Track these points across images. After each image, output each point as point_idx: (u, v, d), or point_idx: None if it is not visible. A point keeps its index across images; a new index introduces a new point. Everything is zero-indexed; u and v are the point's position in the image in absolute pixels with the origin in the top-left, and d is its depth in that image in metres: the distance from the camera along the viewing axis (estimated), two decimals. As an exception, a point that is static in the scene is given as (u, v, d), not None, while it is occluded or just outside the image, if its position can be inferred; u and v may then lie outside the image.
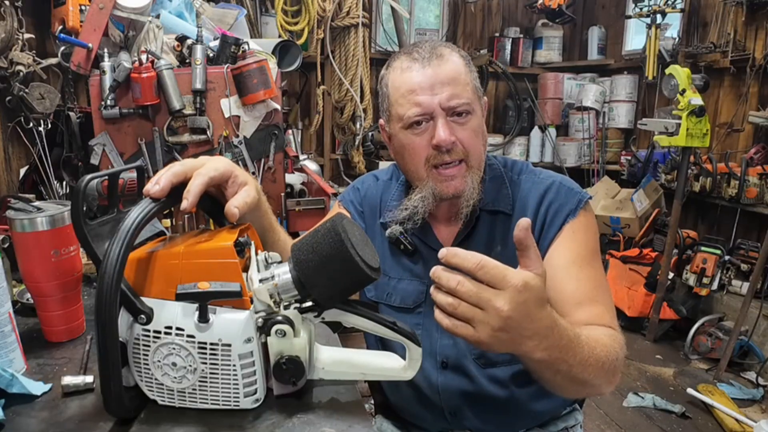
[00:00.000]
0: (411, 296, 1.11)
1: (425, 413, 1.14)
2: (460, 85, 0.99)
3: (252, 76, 1.83)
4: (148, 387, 0.73)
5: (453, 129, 0.99)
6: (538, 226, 1.05)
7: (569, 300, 0.98)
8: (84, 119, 1.99)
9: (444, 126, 0.98)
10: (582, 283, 1.00)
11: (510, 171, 1.13)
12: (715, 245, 3.16)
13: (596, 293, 1.00)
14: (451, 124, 0.99)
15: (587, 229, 1.05)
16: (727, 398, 2.63)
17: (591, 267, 1.02)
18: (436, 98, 0.98)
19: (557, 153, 4.54)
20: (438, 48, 1.02)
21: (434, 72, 0.99)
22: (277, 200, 2.03)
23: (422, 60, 1.00)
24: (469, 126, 1.00)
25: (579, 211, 1.04)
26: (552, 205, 1.05)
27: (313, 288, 0.72)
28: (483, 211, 1.08)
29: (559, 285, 0.99)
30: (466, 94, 0.99)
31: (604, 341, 0.88)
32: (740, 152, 3.47)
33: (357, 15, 3.51)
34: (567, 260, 1.01)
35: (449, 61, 1.00)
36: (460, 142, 1.00)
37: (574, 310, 0.97)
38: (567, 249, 1.02)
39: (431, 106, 0.99)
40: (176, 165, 0.78)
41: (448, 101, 0.98)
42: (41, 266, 0.93)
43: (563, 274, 1.00)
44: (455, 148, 1.00)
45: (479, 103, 1.04)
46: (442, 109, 0.99)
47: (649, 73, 3.87)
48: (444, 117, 0.99)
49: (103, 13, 1.82)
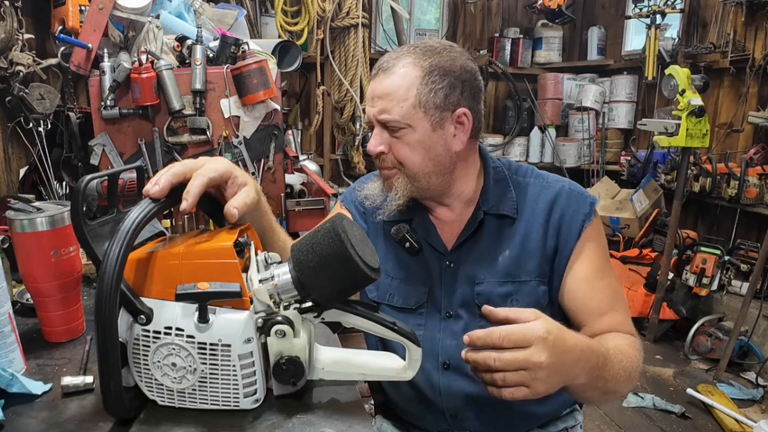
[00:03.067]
0: (413, 297, 1.11)
1: (425, 414, 1.14)
2: (395, 100, 0.99)
3: (252, 77, 1.83)
4: (148, 387, 0.73)
5: (387, 140, 1.03)
6: (551, 231, 1.06)
7: (594, 312, 1.05)
8: (84, 119, 1.99)
9: (374, 136, 1.04)
10: (604, 294, 1.06)
11: (515, 174, 1.13)
12: (715, 245, 3.16)
13: (615, 302, 1.06)
14: (386, 136, 1.03)
15: (600, 232, 1.10)
16: (726, 398, 2.63)
17: (608, 275, 1.08)
18: (372, 110, 1.03)
19: (557, 153, 4.54)
20: (394, 59, 1.01)
21: (375, 85, 1.03)
22: (276, 200, 2.03)
23: (377, 70, 1.04)
24: (404, 141, 1.01)
25: (593, 216, 1.07)
26: (566, 212, 1.06)
27: (312, 288, 0.72)
28: (488, 214, 1.08)
29: (584, 299, 1.06)
30: (397, 110, 0.99)
31: (629, 352, 0.96)
32: (740, 152, 3.47)
33: (357, 15, 3.51)
34: (590, 272, 1.05)
35: (393, 75, 1.00)
36: (394, 153, 1.03)
37: (598, 321, 1.04)
38: (588, 260, 1.06)
39: (369, 116, 1.04)
40: (176, 165, 0.78)
41: (378, 115, 1.01)
42: (41, 267, 0.93)
43: (586, 286, 1.05)
44: (384, 157, 1.04)
45: (427, 118, 1.00)
46: (376, 121, 1.03)
47: (649, 73, 3.87)
48: (379, 128, 1.03)
49: (102, 13, 1.82)
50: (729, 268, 3.17)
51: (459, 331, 1.08)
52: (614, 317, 1.05)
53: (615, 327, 1.04)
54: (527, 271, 1.06)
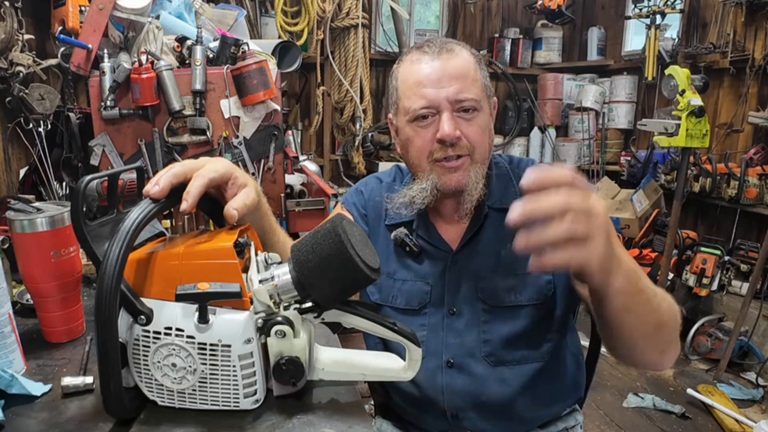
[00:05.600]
0: (416, 297, 1.11)
1: (426, 414, 1.14)
2: (469, 80, 0.99)
3: (252, 77, 1.83)
4: (148, 388, 0.73)
5: (459, 124, 0.99)
6: None
7: None
8: (84, 120, 1.99)
9: (449, 120, 0.98)
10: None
11: (517, 168, 1.13)
12: (715, 246, 3.16)
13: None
14: (457, 119, 0.99)
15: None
16: (726, 399, 2.63)
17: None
18: (443, 92, 0.98)
19: (557, 153, 4.54)
20: (449, 44, 1.02)
21: (443, 65, 0.99)
22: (276, 201, 2.03)
23: (432, 53, 1.00)
24: (475, 122, 1.00)
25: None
26: None
27: (312, 289, 0.72)
28: (491, 209, 1.08)
29: None
30: (474, 90, 0.99)
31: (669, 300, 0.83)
32: (740, 153, 3.47)
33: (357, 16, 3.51)
34: None
35: (459, 56, 1.00)
36: (466, 137, 1.00)
37: None
38: None
39: (437, 100, 0.98)
40: (176, 166, 0.78)
41: (455, 95, 0.98)
42: (41, 267, 0.93)
43: None
44: (460, 143, 1.00)
45: (488, 101, 1.04)
46: (448, 103, 0.98)
47: (649, 73, 3.87)
48: (450, 111, 0.99)
49: (102, 13, 1.82)
50: (729, 268, 3.17)
51: (462, 329, 1.08)
52: None
53: None
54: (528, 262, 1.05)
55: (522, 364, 1.06)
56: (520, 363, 1.06)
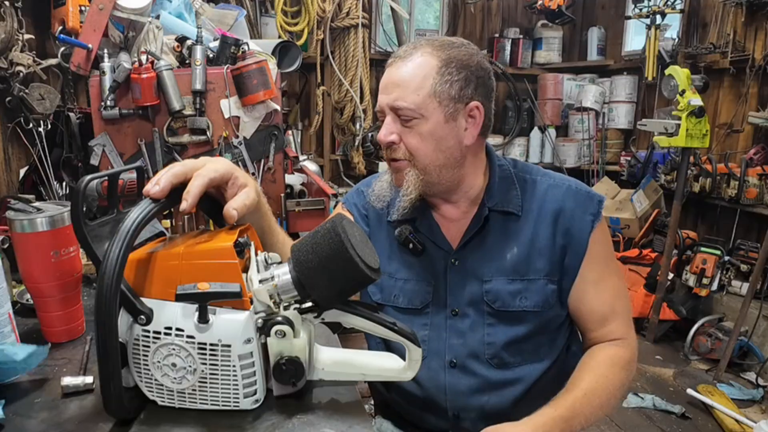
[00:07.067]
0: (418, 297, 1.11)
1: (428, 414, 1.14)
2: (410, 88, 0.99)
3: (252, 77, 1.83)
4: (148, 387, 0.73)
5: (398, 130, 1.02)
6: (560, 230, 1.06)
7: (594, 318, 1.10)
8: (84, 120, 1.99)
9: (385, 125, 1.03)
10: (606, 295, 1.08)
11: (520, 172, 1.13)
12: (715, 246, 3.16)
13: (616, 302, 1.09)
14: (398, 125, 1.02)
15: (606, 232, 1.11)
16: (726, 399, 2.63)
17: (614, 274, 1.11)
18: (385, 98, 1.02)
19: (557, 154, 4.55)
20: (412, 49, 1.02)
21: (391, 72, 1.02)
22: (276, 201, 2.03)
23: (394, 58, 1.04)
24: (415, 130, 1.01)
25: (600, 216, 1.08)
26: (574, 212, 1.07)
27: (312, 288, 0.72)
28: (493, 211, 1.08)
29: (590, 302, 1.09)
30: (413, 98, 0.99)
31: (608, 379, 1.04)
32: (740, 153, 3.47)
33: (357, 16, 3.51)
34: (597, 274, 1.07)
35: (411, 63, 1.00)
36: (405, 144, 1.02)
37: (597, 326, 1.10)
38: (596, 261, 1.07)
39: (381, 105, 1.03)
40: (176, 166, 0.78)
41: (392, 102, 1.01)
42: (41, 267, 0.93)
43: (593, 290, 1.07)
44: (396, 147, 1.04)
45: (441, 108, 1.00)
46: (390, 109, 1.02)
47: (649, 73, 3.87)
48: (392, 117, 1.02)
49: (102, 13, 1.82)
50: (729, 268, 3.17)
51: (466, 330, 1.08)
52: (612, 324, 1.09)
53: (608, 335, 1.09)
54: (536, 269, 1.07)
55: (525, 368, 1.07)
56: (523, 366, 1.07)
